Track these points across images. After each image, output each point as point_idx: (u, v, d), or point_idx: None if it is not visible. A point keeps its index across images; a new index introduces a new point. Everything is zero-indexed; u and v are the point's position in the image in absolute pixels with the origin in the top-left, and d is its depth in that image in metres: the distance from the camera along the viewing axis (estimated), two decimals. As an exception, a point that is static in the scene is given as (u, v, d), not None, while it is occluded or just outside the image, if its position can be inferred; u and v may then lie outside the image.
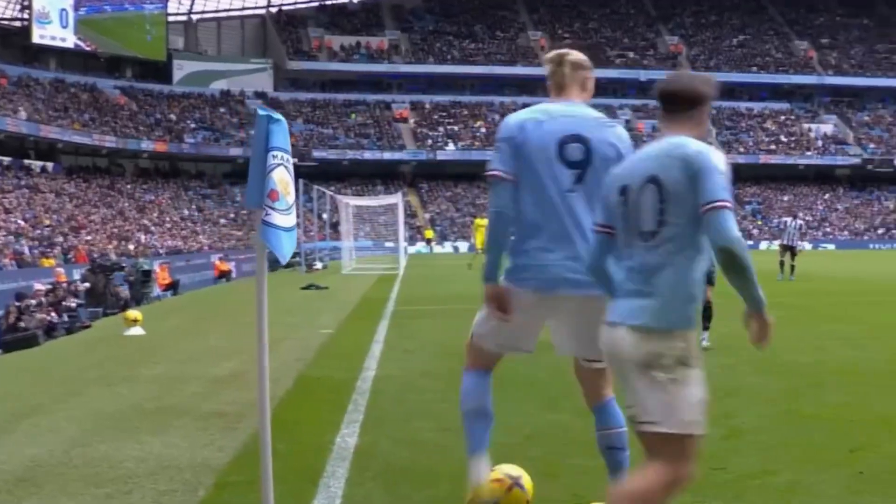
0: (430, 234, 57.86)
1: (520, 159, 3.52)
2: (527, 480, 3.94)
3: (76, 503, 4.29)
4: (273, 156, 2.88)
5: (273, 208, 2.87)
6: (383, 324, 12.20)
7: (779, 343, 9.66)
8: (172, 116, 60.52)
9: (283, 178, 2.90)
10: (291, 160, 2.95)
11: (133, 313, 11.60)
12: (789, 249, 21.38)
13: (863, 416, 5.85)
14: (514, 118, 3.63)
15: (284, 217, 2.91)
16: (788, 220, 22.65)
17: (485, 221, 34.18)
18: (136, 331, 11.18)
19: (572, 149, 3.48)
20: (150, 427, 5.84)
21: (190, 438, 5.52)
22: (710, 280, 8.95)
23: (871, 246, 59.87)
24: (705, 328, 9.12)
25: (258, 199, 2.87)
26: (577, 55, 3.74)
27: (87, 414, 6.30)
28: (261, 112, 2.89)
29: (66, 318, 13.15)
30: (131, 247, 35.02)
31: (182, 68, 64.97)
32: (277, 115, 2.92)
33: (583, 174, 3.48)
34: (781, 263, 21.26)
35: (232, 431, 5.72)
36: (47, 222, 34.81)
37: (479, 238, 31.61)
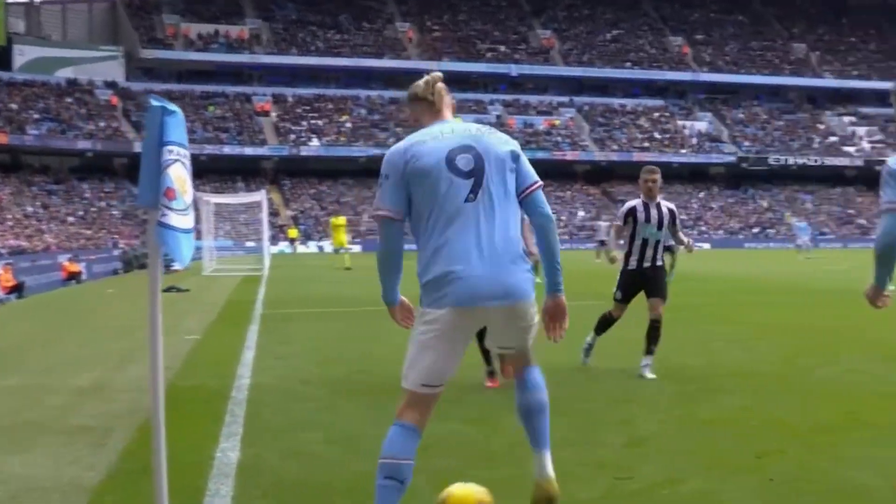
0: (293, 233, 56.86)
1: (411, 186, 3.51)
2: None
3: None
4: (169, 150, 2.55)
5: (170, 208, 2.55)
6: (253, 328, 11.76)
7: (667, 345, 9.76)
8: (13, 106, 57.21)
9: (180, 175, 2.59)
10: (189, 155, 2.62)
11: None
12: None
13: (763, 420, 5.87)
14: (394, 149, 3.60)
15: (182, 218, 2.60)
16: None
17: (341, 220, 33.19)
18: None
19: (462, 159, 3.50)
20: (9, 445, 5.35)
21: (54, 456, 5.08)
22: (662, 294, 7.70)
23: (746, 245, 61.35)
24: (649, 352, 7.68)
25: (153, 198, 2.54)
26: (439, 76, 3.81)
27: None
28: (154, 102, 2.56)
29: None
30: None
31: (23, 54, 61.41)
32: (173, 107, 2.60)
33: (479, 181, 3.50)
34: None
35: (100, 448, 5.30)
36: None
37: (338, 238, 31.05)
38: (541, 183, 3.67)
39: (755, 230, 66.02)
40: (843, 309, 13.47)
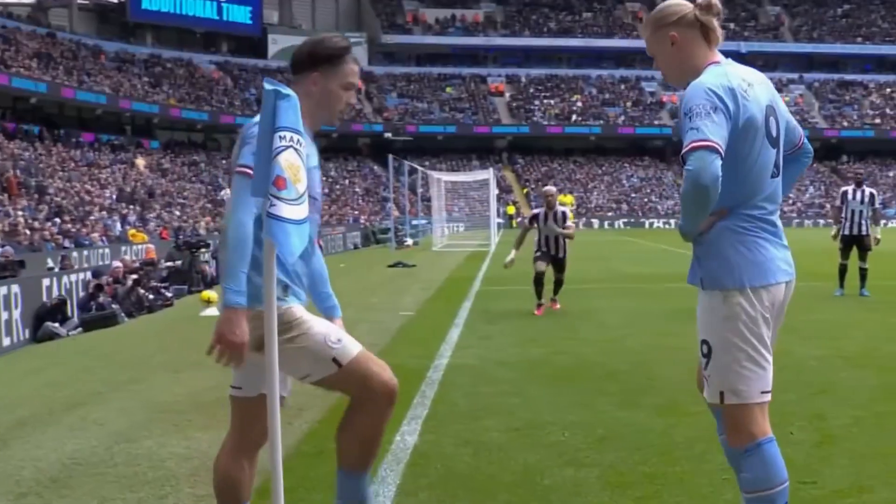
0: (511, 209, 57.13)
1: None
2: None
3: (106, 509, 4.02)
4: (280, 137, 2.45)
5: (279, 198, 2.43)
6: (466, 305, 11.83)
7: (877, 331, 8.85)
8: (267, 92, 61.07)
9: (292, 162, 2.46)
10: (303, 142, 2.51)
11: (209, 293, 11.47)
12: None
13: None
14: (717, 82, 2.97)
15: (293, 208, 2.46)
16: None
17: (568, 199, 32.96)
18: (212, 311, 11.02)
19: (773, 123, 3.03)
20: (202, 420, 5.56)
21: (241, 434, 5.20)
22: None
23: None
24: None
25: (266, 188, 2.45)
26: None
27: (141, 404, 6.06)
28: (267, 86, 2.46)
29: (150, 295, 13.11)
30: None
31: (276, 42, 65.46)
32: (287, 90, 2.49)
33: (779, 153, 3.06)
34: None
35: (287, 427, 5.36)
36: (142, 196, 35.42)
37: None
38: None
39: None
40: None
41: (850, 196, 12.46)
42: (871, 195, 12.51)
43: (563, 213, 11.14)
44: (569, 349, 8.14)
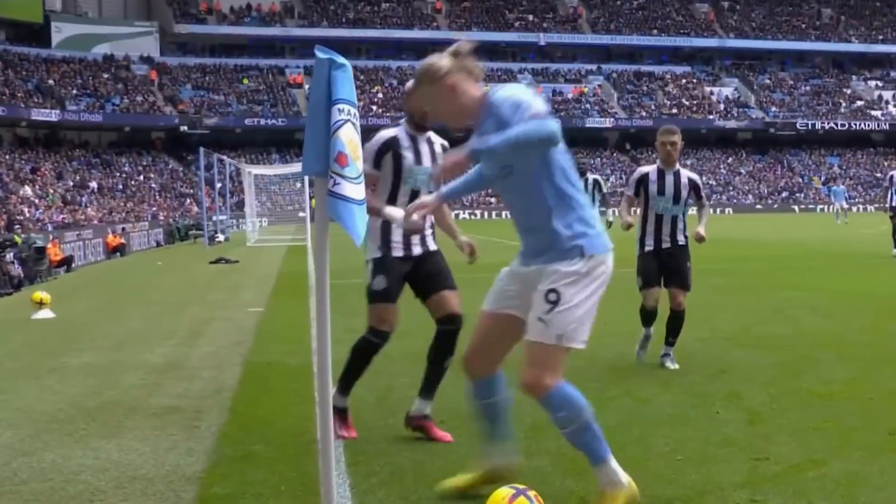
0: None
1: None
2: (534, 493, 3.47)
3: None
4: (339, 109, 2.23)
5: (343, 176, 2.21)
6: (314, 299, 11.52)
7: (743, 313, 9.35)
8: (52, 82, 57.37)
9: (351, 138, 2.25)
10: (358, 115, 2.30)
11: (40, 294, 10.61)
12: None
13: (877, 392, 5.53)
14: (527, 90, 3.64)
15: (355, 187, 2.25)
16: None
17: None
18: (45, 314, 10.25)
19: None
20: (98, 429, 5.12)
21: (150, 441, 4.84)
22: (682, 282, 6.45)
23: (777, 209, 60.88)
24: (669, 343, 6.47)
25: (320, 165, 2.21)
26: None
27: (20, 416, 5.50)
28: (320, 55, 2.22)
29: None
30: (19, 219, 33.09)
31: (61, 31, 61.50)
32: (341, 59, 2.26)
33: None
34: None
35: (194, 430, 5.09)
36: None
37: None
38: None
39: (784, 194, 65.73)
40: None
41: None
42: None
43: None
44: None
